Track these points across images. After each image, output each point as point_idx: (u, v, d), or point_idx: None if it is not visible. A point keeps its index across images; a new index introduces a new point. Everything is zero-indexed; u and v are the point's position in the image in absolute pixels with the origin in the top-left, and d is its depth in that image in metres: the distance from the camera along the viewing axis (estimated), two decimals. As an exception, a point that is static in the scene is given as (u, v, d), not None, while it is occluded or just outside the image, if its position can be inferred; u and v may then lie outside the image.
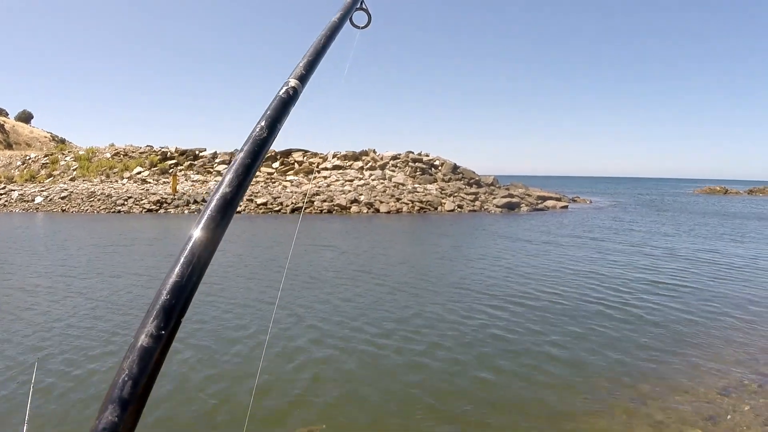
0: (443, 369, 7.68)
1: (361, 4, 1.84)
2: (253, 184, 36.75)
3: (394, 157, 40.39)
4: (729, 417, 6.40)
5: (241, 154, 1.06)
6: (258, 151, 1.08)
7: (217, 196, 0.98)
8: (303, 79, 1.31)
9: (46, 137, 70.81)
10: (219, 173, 39.19)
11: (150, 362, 0.77)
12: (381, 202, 33.55)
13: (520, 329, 9.62)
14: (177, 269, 0.85)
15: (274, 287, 12.63)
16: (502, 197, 37.98)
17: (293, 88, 1.26)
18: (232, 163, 1.04)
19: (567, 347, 8.75)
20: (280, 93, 1.23)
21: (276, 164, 39.72)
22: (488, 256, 17.72)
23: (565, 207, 42.00)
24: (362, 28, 1.84)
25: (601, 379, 7.49)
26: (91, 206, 32.95)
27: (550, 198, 43.55)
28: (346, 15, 1.70)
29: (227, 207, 0.97)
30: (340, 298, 11.70)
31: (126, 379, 0.75)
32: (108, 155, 42.55)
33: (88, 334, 8.92)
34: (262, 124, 1.13)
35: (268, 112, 1.17)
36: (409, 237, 24.41)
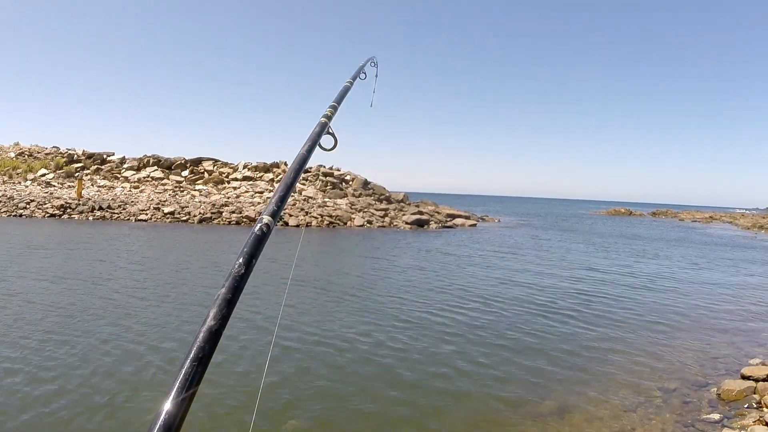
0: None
1: (328, 129, 1.95)
2: (160, 192, 36.46)
3: (306, 171, 40.82)
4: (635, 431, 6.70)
5: (223, 290, 1.13)
6: (237, 286, 1.17)
7: (204, 329, 1.06)
8: (275, 215, 1.42)
9: (-52, 130, 67.29)
10: (126, 179, 38.66)
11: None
12: (290, 216, 34.01)
13: (420, 346, 9.86)
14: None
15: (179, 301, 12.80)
16: (412, 214, 39.15)
17: (266, 225, 1.36)
18: (215, 298, 1.13)
19: (471, 362, 9.01)
20: (255, 230, 1.32)
21: (185, 173, 39.53)
22: (393, 270, 18.36)
23: (474, 225, 43.60)
24: (329, 150, 1.94)
25: (509, 394, 7.68)
26: (-11, 208, 31.89)
27: (459, 216, 45.15)
28: (312, 146, 1.82)
29: (210, 341, 1.06)
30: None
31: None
32: (12, 155, 41.11)
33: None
34: (240, 261, 1.21)
35: (245, 249, 1.25)
36: (318, 251, 24.97)
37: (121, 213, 32.12)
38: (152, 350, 9.08)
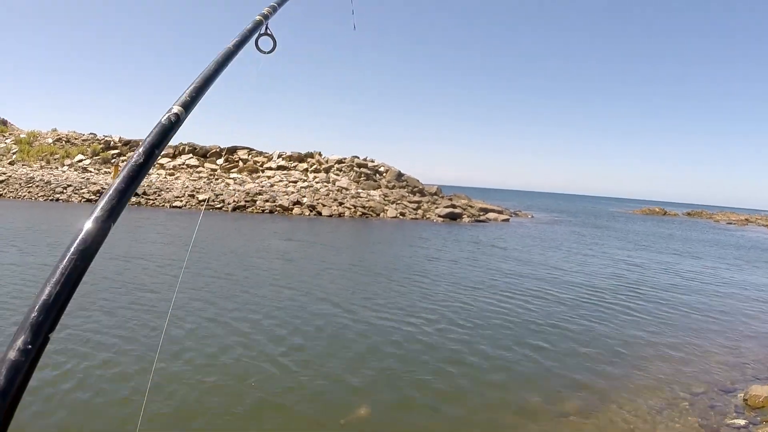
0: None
1: (266, 29, 1.85)
2: (195, 180, 36.59)
3: (340, 161, 40.80)
4: None
5: (118, 179, 1.05)
6: (134, 176, 1.08)
7: (91, 217, 0.98)
8: (188, 106, 1.29)
9: (-13, 117, 68.43)
10: (162, 166, 38.86)
11: (18, 376, 0.82)
12: (323, 206, 33.87)
13: (456, 338, 9.89)
14: (46, 289, 0.90)
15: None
16: (445, 207, 38.76)
17: (176, 114, 1.24)
18: (108, 187, 1.05)
19: (500, 358, 9.02)
20: (162, 120, 1.22)
21: (220, 161, 39.63)
22: (429, 263, 18.18)
23: (507, 220, 43.03)
24: (268, 53, 1.86)
25: (534, 391, 7.67)
26: (29, 192, 32.26)
27: (492, 210, 44.58)
28: (242, 42, 1.69)
29: (98, 229, 0.97)
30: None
31: None
32: (50, 141, 41.63)
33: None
34: (140, 150, 1.13)
35: (148, 139, 1.16)
36: (352, 242, 24.77)
37: (156, 199, 32.27)
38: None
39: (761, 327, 12.87)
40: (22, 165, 37.87)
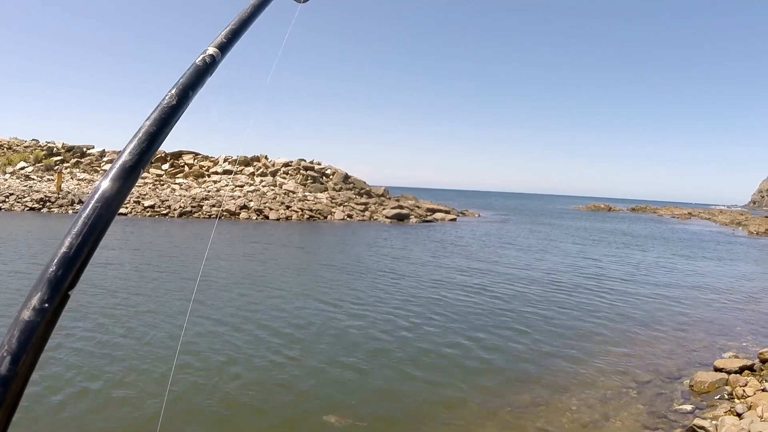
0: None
1: None
2: (140, 185, 36.47)
3: (286, 164, 41.18)
4: (609, 423, 6.81)
5: (148, 122, 0.96)
6: (167, 119, 0.99)
7: (118, 164, 0.87)
8: (224, 48, 1.22)
9: (-75, 122, 66.38)
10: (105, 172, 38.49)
11: (32, 337, 0.73)
12: (270, 209, 34.23)
13: (400, 333, 10.37)
14: (66, 240, 0.79)
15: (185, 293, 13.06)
16: (392, 208, 39.49)
17: (212, 56, 1.17)
18: (137, 130, 0.94)
19: (453, 351, 9.37)
20: (197, 61, 1.15)
21: (165, 166, 39.56)
22: (377, 263, 18.67)
23: (454, 219, 44.00)
24: (304, 2, 1.68)
25: (485, 385, 7.87)
26: (-32, 201, 31.70)
27: (440, 210, 45.53)
28: None
29: (126, 178, 0.86)
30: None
31: (5, 354, 0.72)
32: (-10, 148, 40.87)
33: None
34: (173, 92, 1.04)
35: (182, 80, 1.08)
36: (298, 246, 25.18)
37: (100, 206, 32.05)
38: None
39: (705, 314, 13.46)
40: (-38, 173, 37.13)
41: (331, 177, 41.54)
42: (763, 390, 7.59)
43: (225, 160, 41.17)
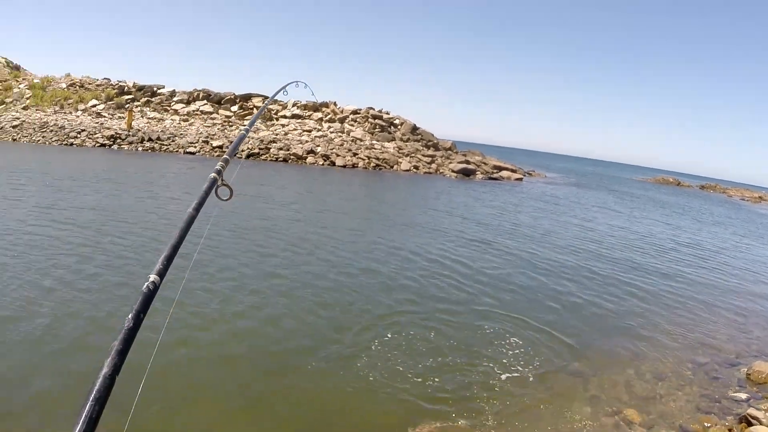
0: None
1: (222, 181, 2.09)
2: (209, 126, 36.37)
3: (355, 112, 40.30)
4: (662, 400, 6.74)
5: (116, 342, 1.27)
6: (128, 339, 1.29)
7: (100, 375, 1.20)
8: (162, 274, 1.54)
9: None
10: (176, 112, 38.54)
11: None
12: (337, 156, 33.61)
13: (466, 295, 9.94)
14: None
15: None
16: (459, 162, 38.41)
17: (153, 283, 1.49)
18: (110, 348, 1.26)
19: (512, 313, 9.07)
20: (143, 288, 1.45)
21: (234, 107, 39.23)
22: (441, 217, 18.15)
23: (520, 179, 42.69)
24: (226, 200, 2.10)
25: (543, 348, 7.78)
26: (42, 137, 32.03)
27: (506, 169, 44.17)
28: (201, 203, 1.92)
29: (106, 385, 1.20)
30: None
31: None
32: (64, 86, 41.28)
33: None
34: (129, 317, 1.34)
35: (135, 306, 1.38)
36: (370, 194, 24.67)
37: (170, 145, 32.10)
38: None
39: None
40: (36, 110, 37.68)
41: (399, 127, 40.52)
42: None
43: (294, 105, 40.59)
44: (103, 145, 31.59)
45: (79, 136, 32.21)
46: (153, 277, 1.50)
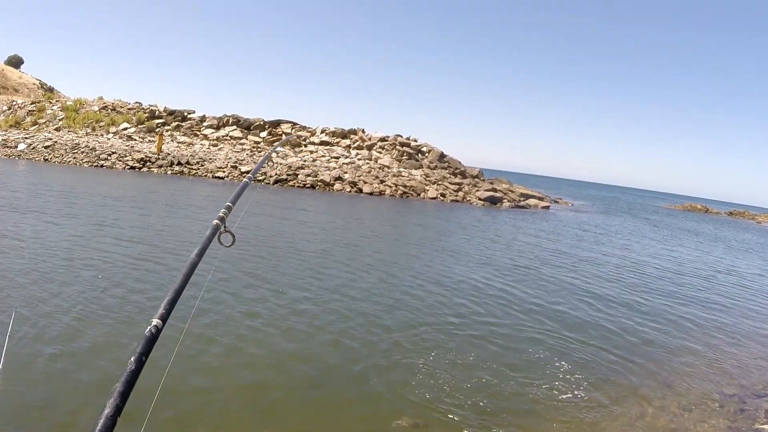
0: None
1: (224, 227, 2.11)
2: (238, 152, 36.59)
3: (382, 139, 40.31)
4: None
5: (118, 384, 1.28)
6: (129, 381, 1.30)
7: (103, 415, 1.20)
8: (165, 318, 1.55)
9: (34, 84, 69.40)
10: (206, 137, 38.90)
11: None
12: (365, 183, 33.54)
13: (482, 328, 9.66)
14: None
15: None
16: (486, 190, 38.11)
17: (156, 327, 1.49)
18: (112, 390, 1.26)
19: (533, 346, 8.78)
20: (146, 332, 1.46)
21: (264, 134, 39.49)
22: (469, 245, 17.93)
23: (547, 207, 42.22)
24: (228, 246, 2.11)
25: (566, 380, 7.55)
26: (74, 158, 32.48)
27: (533, 197, 43.81)
28: (204, 250, 1.94)
29: (109, 425, 1.20)
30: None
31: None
32: (96, 108, 42.02)
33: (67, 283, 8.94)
34: (132, 359, 1.35)
35: (138, 348, 1.39)
36: (393, 220, 24.51)
37: (198, 169, 32.32)
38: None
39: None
40: (68, 131, 38.30)
41: (426, 155, 40.42)
42: None
43: (322, 131, 40.75)
44: (132, 167, 31.94)
45: (109, 158, 32.62)
46: (155, 321, 1.51)
